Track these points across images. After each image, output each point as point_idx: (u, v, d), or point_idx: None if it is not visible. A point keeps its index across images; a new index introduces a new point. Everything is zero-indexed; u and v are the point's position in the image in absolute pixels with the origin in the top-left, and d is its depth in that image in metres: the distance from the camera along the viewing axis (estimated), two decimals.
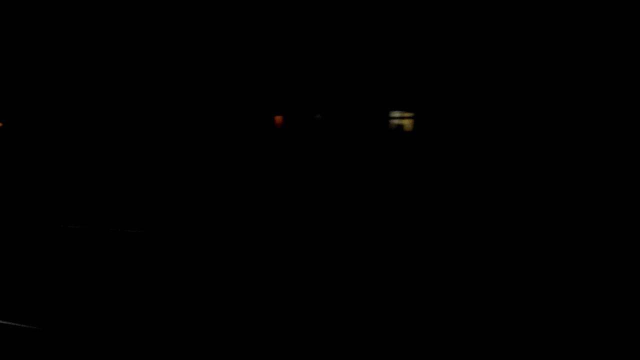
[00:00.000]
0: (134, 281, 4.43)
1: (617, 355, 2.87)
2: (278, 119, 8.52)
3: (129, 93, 9.40)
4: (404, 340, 3.13)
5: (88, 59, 9.63)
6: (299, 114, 8.40)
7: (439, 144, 7.69)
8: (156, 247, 5.78)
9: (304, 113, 8.39)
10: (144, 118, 9.40)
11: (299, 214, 7.60)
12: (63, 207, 8.32)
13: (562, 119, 7.14)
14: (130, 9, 9.12)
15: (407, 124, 7.89)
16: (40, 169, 10.09)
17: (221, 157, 8.91)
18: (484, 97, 7.41)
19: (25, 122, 9.76)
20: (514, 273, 4.67)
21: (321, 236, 6.26)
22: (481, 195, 7.50)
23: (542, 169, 7.37)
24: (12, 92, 9.85)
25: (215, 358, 2.90)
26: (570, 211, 7.02)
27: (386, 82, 7.82)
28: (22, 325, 3.25)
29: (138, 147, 9.49)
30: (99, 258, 5.26)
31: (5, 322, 3.30)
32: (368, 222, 7.03)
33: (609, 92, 6.85)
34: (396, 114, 7.90)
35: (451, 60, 7.44)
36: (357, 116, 8.06)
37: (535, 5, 7.07)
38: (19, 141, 9.91)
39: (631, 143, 6.81)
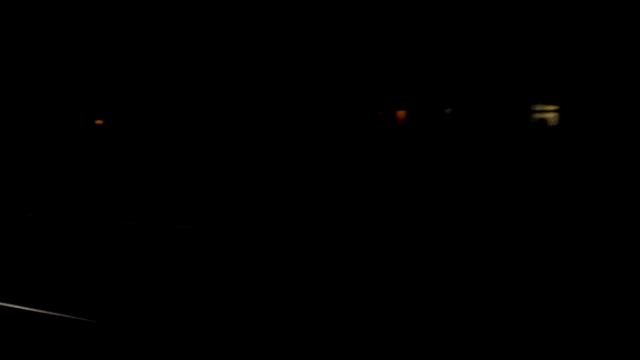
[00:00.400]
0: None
1: (617, 355, 2.84)
2: (401, 114, 8.16)
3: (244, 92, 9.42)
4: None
5: (188, 60, 9.83)
6: (426, 109, 8.02)
7: (587, 140, 7.08)
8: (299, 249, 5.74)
9: (432, 107, 8.00)
10: (259, 115, 9.33)
11: (423, 214, 7.26)
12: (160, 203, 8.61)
13: None
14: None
15: (551, 117, 7.34)
16: (137, 164, 10.29)
17: (336, 153, 8.61)
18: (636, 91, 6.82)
19: (124, 121, 9.97)
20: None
21: (449, 238, 6.00)
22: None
23: None
24: (114, 94, 10.20)
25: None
26: None
27: (530, 73, 7.36)
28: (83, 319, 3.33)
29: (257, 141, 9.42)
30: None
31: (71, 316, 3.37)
32: (505, 224, 6.52)
33: None
34: (539, 107, 7.39)
35: (606, 48, 6.95)
36: (494, 109, 7.57)
37: None
38: (117, 138, 10.13)
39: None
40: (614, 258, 4.91)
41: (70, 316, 3.29)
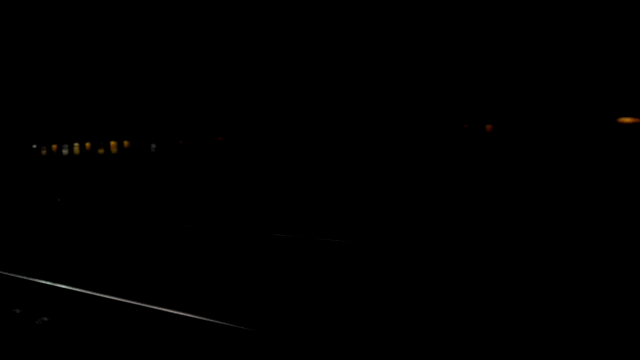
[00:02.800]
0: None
1: (617, 355, 2.87)
2: (487, 127, 7.45)
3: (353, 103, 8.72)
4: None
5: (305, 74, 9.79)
6: (514, 121, 7.40)
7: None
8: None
9: (521, 120, 7.39)
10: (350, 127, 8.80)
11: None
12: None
13: None
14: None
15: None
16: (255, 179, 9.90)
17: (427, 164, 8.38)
18: None
19: (238, 136, 9.24)
20: None
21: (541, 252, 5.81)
22: None
23: None
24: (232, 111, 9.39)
25: None
26: None
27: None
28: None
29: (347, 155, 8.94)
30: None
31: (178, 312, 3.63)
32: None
33: None
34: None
35: None
36: (589, 121, 6.81)
37: None
38: (234, 152, 9.42)
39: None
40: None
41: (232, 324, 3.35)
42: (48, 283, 4.53)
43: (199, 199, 10.24)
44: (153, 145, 11.05)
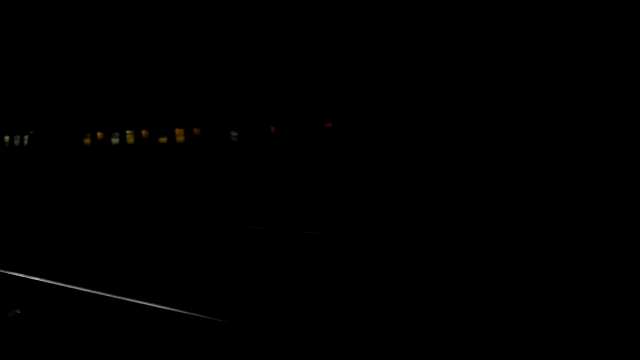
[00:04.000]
0: None
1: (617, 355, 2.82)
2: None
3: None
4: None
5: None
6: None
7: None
8: None
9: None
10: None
11: None
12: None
13: None
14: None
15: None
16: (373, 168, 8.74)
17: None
18: None
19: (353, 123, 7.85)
20: None
21: None
22: None
23: None
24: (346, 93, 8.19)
25: None
26: None
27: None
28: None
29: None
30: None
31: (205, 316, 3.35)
32: None
33: None
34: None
35: None
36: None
37: None
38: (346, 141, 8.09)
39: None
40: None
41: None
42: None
43: (301, 198, 8.70)
44: (234, 133, 9.40)
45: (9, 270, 5.29)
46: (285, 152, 8.74)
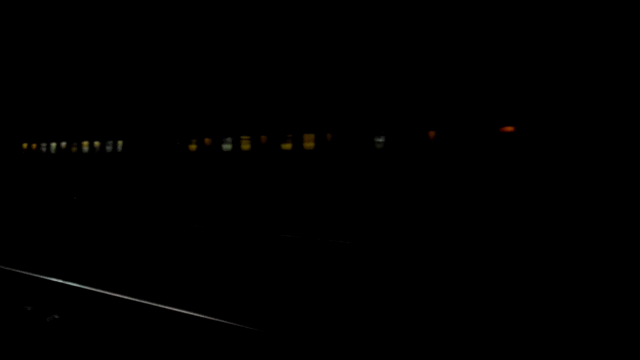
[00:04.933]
0: None
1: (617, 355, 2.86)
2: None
3: None
4: None
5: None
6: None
7: None
8: None
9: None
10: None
11: None
12: None
13: None
14: None
15: None
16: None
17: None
18: None
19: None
20: None
21: None
22: None
23: None
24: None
25: None
26: None
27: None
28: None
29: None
30: None
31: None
32: None
33: None
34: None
35: None
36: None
37: None
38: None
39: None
40: None
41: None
42: None
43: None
44: (378, 139, 8.47)
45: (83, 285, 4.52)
46: (450, 161, 7.76)
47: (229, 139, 10.59)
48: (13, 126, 15.41)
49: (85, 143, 13.49)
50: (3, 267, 5.10)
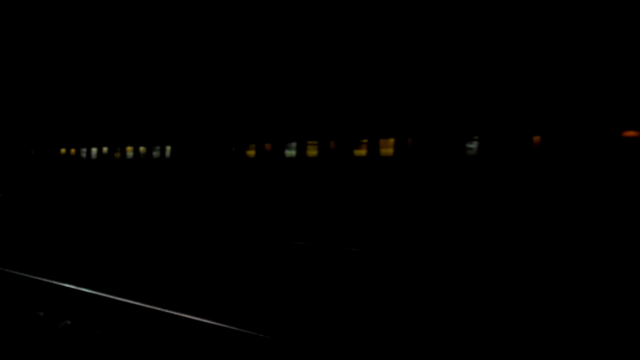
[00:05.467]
0: None
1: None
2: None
3: None
4: None
5: None
6: None
7: None
8: None
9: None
10: None
11: None
12: None
13: None
14: None
15: None
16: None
17: None
18: None
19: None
20: None
21: None
22: None
23: None
24: None
25: None
26: None
27: None
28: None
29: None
30: None
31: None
32: None
33: None
34: None
35: None
36: None
37: None
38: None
39: None
40: None
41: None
42: None
43: None
44: (469, 145, 7.76)
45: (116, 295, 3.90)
46: (559, 168, 7.01)
47: (292, 144, 9.95)
48: (52, 132, 15.01)
49: (130, 148, 12.94)
50: (16, 272, 5.11)
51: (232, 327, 3.37)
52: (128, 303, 4.02)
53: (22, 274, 4.99)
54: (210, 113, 11.27)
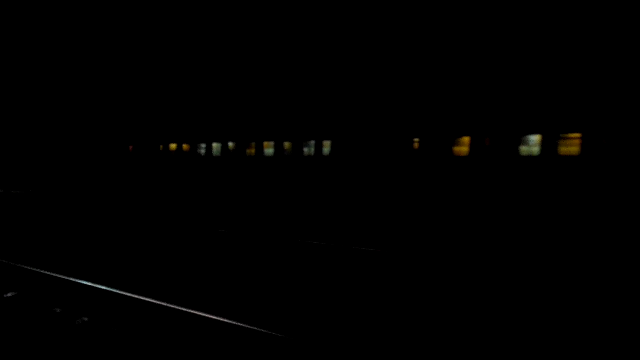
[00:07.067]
0: None
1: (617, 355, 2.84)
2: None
3: None
4: None
5: None
6: None
7: None
8: None
9: None
10: None
11: None
12: None
13: None
14: None
15: None
16: None
17: None
18: None
19: None
20: None
21: None
22: None
23: None
24: None
25: None
26: None
27: None
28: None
29: None
30: None
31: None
32: None
33: None
34: None
35: None
36: None
37: None
38: None
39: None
40: None
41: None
42: None
43: None
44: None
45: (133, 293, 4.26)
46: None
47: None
48: (121, 130, 15.07)
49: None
50: (37, 269, 5.06)
51: (246, 326, 3.41)
52: (148, 302, 3.98)
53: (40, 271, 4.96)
54: (211, 111, 10.97)
